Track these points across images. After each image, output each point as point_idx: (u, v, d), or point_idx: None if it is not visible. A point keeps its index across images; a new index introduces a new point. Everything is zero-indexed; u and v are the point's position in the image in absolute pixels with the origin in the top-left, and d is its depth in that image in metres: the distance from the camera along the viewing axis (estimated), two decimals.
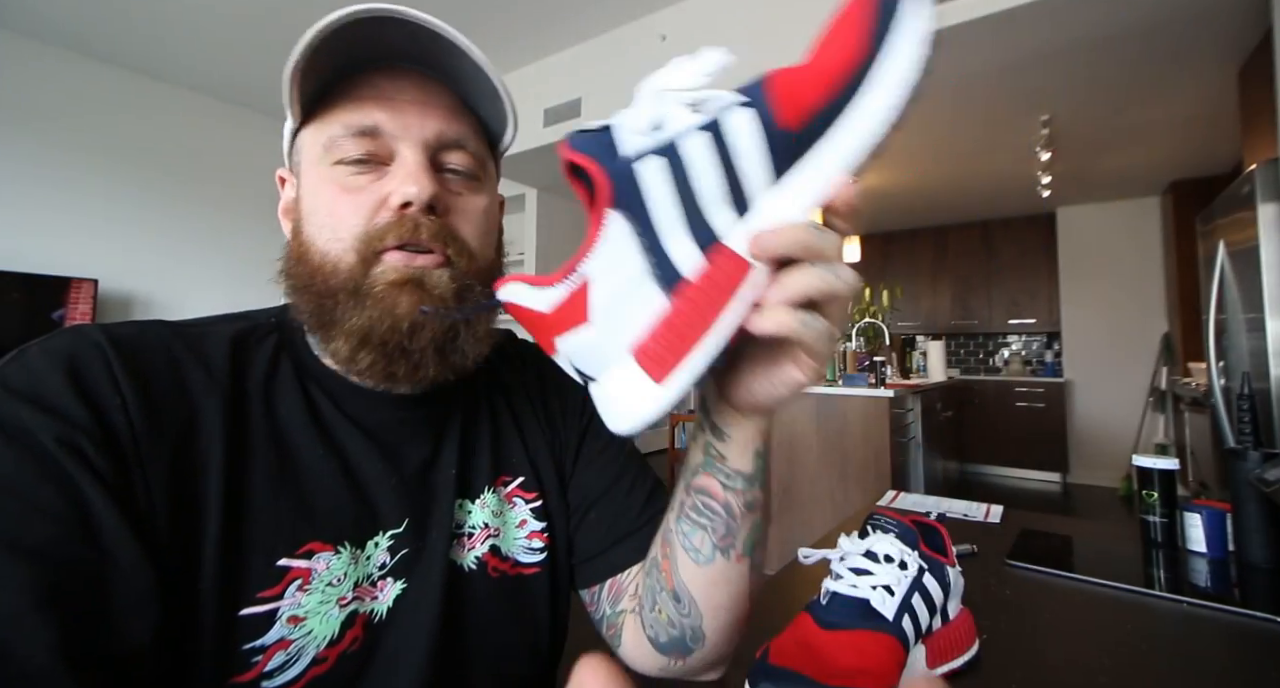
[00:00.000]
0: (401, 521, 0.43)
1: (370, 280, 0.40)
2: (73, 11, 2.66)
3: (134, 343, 0.37)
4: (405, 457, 0.45)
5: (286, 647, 0.36)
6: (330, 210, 0.41)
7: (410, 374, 0.41)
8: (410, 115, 0.41)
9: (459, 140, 0.43)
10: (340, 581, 0.39)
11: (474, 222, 0.44)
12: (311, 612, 0.37)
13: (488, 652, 0.45)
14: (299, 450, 0.40)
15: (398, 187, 0.40)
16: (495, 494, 0.49)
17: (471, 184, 0.45)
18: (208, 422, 0.37)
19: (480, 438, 0.50)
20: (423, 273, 0.40)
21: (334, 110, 0.41)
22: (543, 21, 2.86)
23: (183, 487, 0.35)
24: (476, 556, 0.46)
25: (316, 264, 0.41)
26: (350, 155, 0.40)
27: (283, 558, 0.37)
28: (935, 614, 0.52)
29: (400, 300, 0.39)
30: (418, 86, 0.42)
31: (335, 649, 0.38)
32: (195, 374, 0.38)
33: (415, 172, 0.40)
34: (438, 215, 0.41)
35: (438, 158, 0.43)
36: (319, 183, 0.42)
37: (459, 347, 0.43)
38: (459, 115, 0.44)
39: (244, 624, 0.35)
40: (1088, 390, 4.74)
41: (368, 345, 0.40)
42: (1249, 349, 2.05)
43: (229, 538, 0.35)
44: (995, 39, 2.15)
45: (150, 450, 0.34)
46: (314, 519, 0.39)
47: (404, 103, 0.42)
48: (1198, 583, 0.76)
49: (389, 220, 0.40)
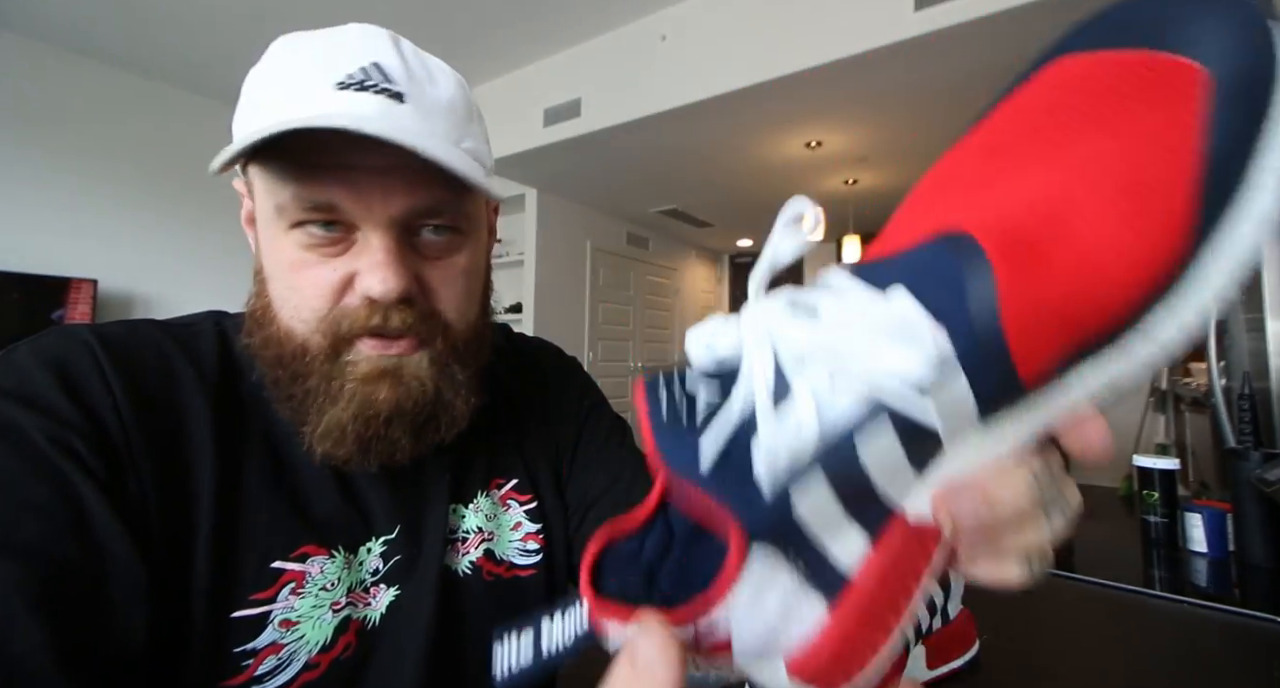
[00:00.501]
0: (394, 527, 0.42)
1: (341, 369, 0.38)
2: (73, 11, 2.66)
3: (124, 342, 0.37)
4: (398, 464, 0.44)
5: (278, 651, 0.35)
6: (290, 283, 0.37)
7: (385, 459, 0.40)
8: (371, 192, 0.36)
9: (433, 208, 0.38)
10: (334, 585, 0.38)
11: (455, 288, 0.41)
12: (304, 616, 0.37)
13: (481, 657, 0.44)
14: (293, 455, 0.40)
15: (364, 275, 0.36)
16: (489, 498, 0.48)
17: (452, 243, 0.40)
18: (199, 421, 0.37)
19: (476, 440, 0.49)
20: (399, 362, 0.38)
21: (283, 171, 0.35)
22: (543, 21, 2.86)
23: (174, 484, 0.34)
24: (470, 560, 0.45)
25: (279, 338, 0.38)
26: (310, 221, 0.36)
27: (277, 560, 0.36)
28: (935, 615, 0.52)
29: (376, 394, 0.37)
30: (379, 147, 0.33)
31: (328, 656, 0.37)
32: (186, 373, 0.38)
33: (382, 264, 0.36)
34: (413, 299, 0.38)
35: (412, 224, 0.38)
36: (276, 243, 0.38)
37: (437, 428, 0.41)
38: (431, 175, 0.36)
39: (236, 627, 0.35)
40: None
41: (343, 443, 0.38)
42: (1249, 349, 2.05)
43: (222, 537, 0.35)
44: (995, 39, 2.15)
45: (141, 448, 0.33)
46: (308, 522, 0.39)
47: (364, 174, 0.35)
48: (1198, 583, 0.76)
49: (356, 307, 0.37)
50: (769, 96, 2.62)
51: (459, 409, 0.42)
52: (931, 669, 0.52)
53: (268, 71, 0.38)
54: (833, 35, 2.29)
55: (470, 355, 0.43)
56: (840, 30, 2.27)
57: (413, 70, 0.38)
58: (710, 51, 2.61)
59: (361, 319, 0.37)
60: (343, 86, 0.35)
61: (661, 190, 4.24)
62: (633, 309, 5.23)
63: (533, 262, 4.10)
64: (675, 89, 2.71)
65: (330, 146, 0.34)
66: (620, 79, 2.90)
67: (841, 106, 2.78)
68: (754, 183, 4.02)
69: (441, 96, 0.39)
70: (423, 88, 0.38)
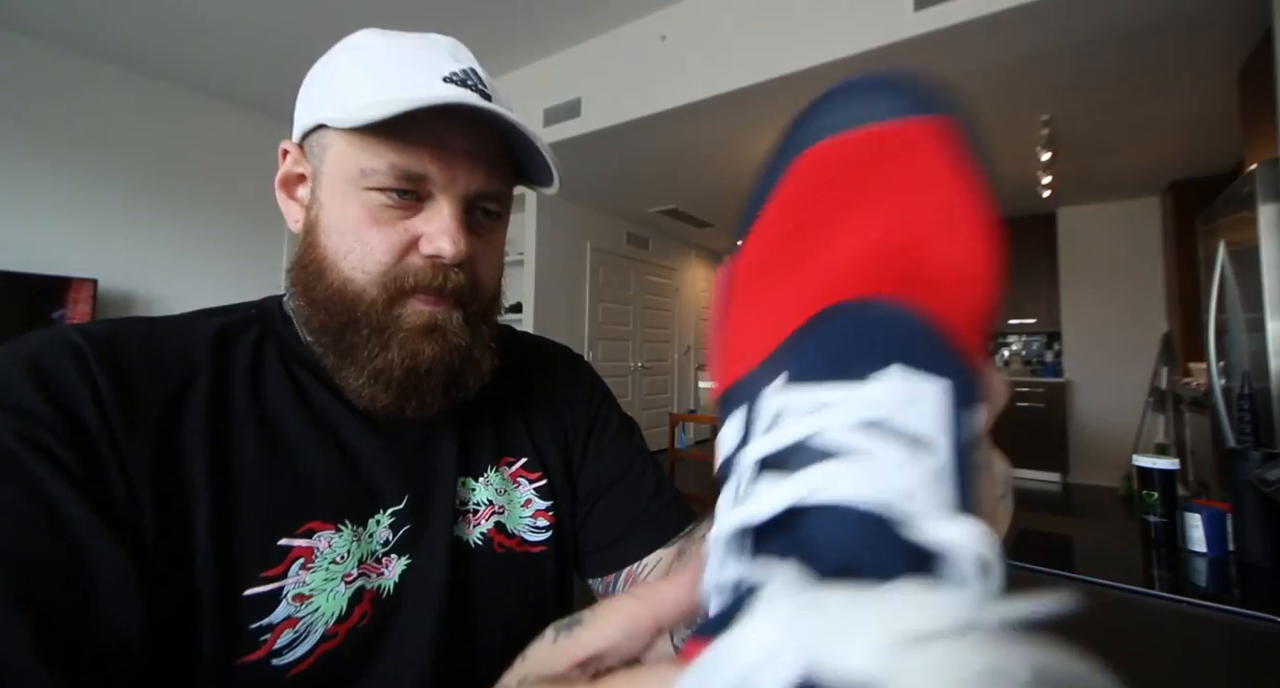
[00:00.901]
0: (401, 497, 0.44)
1: (395, 321, 0.42)
2: (73, 11, 2.66)
3: (110, 338, 0.37)
4: (402, 435, 0.46)
5: (294, 625, 0.36)
6: (359, 238, 0.41)
7: (417, 409, 0.43)
8: (459, 168, 0.42)
9: (496, 194, 0.44)
10: (344, 558, 0.39)
11: (493, 262, 0.47)
12: (317, 589, 0.38)
13: (495, 624, 0.46)
14: (290, 435, 0.41)
15: (432, 237, 0.41)
16: (499, 474, 0.50)
17: (497, 224, 0.47)
18: (190, 411, 0.37)
19: (482, 419, 0.51)
20: (445, 319, 0.43)
21: (381, 142, 0.40)
22: (543, 21, 2.86)
23: (168, 476, 0.35)
24: (482, 531, 0.47)
25: (338, 287, 0.41)
26: (389, 187, 0.41)
27: (283, 538, 0.38)
28: None
29: (424, 346, 0.42)
30: (468, 134, 0.42)
31: (344, 625, 0.38)
32: (175, 366, 0.38)
33: (452, 229, 0.41)
34: (463, 267, 0.43)
35: (473, 203, 0.44)
36: (346, 202, 0.41)
37: (465, 382, 0.45)
38: (502, 166, 0.44)
39: (249, 604, 0.35)
40: (1088, 390, 4.74)
41: (388, 387, 0.42)
42: (1249, 349, 2.05)
43: (222, 521, 0.36)
44: (995, 39, 2.15)
45: (129, 443, 0.34)
46: (312, 500, 0.40)
47: (454, 152, 0.41)
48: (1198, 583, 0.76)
49: (418, 266, 0.42)
50: (769, 96, 2.62)
51: (485, 365, 0.46)
52: None
53: (367, 56, 0.42)
54: (833, 35, 2.29)
55: (491, 318, 0.48)
56: (840, 30, 2.27)
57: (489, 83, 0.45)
58: (710, 51, 2.61)
59: (426, 276, 0.41)
60: (447, 81, 0.41)
61: (661, 190, 4.24)
62: (633, 309, 5.23)
63: (533, 262, 4.10)
64: (675, 89, 2.71)
65: (429, 127, 0.40)
66: (620, 79, 2.90)
67: None
68: None
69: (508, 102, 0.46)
70: (499, 96, 0.44)
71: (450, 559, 0.43)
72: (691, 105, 2.70)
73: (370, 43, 0.43)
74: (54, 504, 0.30)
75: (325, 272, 0.42)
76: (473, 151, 0.42)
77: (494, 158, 0.43)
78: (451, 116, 0.40)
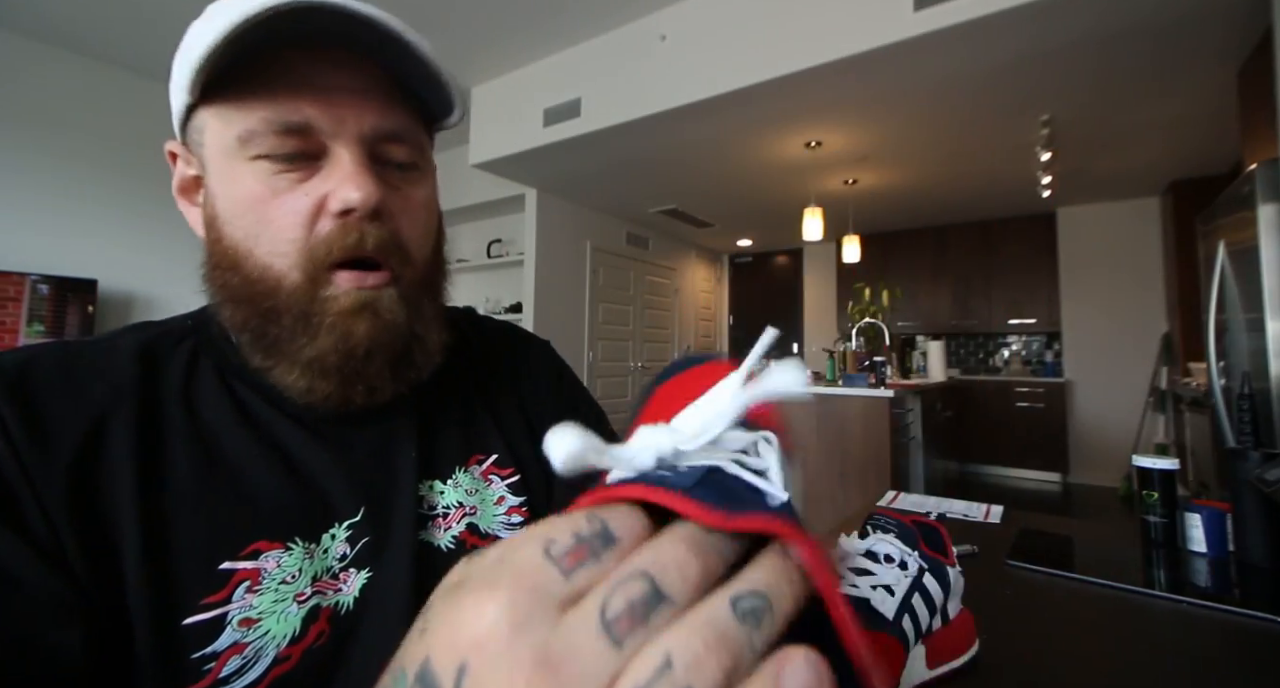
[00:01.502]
0: (357, 509, 0.41)
1: (321, 305, 0.38)
2: (73, 11, 2.66)
3: (19, 369, 0.35)
4: (353, 444, 0.43)
5: (241, 650, 0.35)
6: (261, 216, 0.37)
7: (366, 396, 0.41)
8: (345, 108, 0.37)
9: (398, 132, 0.40)
10: (295, 577, 0.37)
11: (417, 219, 0.42)
12: (266, 612, 0.36)
13: None
14: (231, 452, 0.39)
15: (336, 189, 0.37)
16: (469, 473, 0.47)
17: (412, 175, 0.42)
18: (114, 436, 0.35)
19: (446, 418, 0.48)
20: (376, 296, 0.39)
21: (248, 99, 0.36)
22: (543, 21, 2.86)
23: (89, 508, 0.33)
24: (453, 535, 0.45)
25: (255, 277, 0.38)
26: (275, 152, 0.37)
27: (225, 561, 0.36)
28: (935, 614, 0.52)
29: (356, 328, 0.39)
30: (349, 71, 0.37)
31: (299, 646, 0.36)
32: (96, 389, 0.36)
33: (355, 174, 0.37)
34: (383, 219, 0.39)
35: (375, 150, 0.40)
36: (237, 179, 0.37)
37: (412, 362, 0.42)
38: (397, 102, 0.40)
39: (189, 633, 0.34)
40: (1088, 390, 4.74)
41: (325, 377, 0.39)
42: (1249, 349, 2.05)
43: (153, 550, 0.34)
44: (995, 39, 2.15)
45: (43, 476, 0.32)
46: (257, 519, 0.37)
47: (336, 92, 0.37)
48: (1198, 583, 0.76)
49: (331, 229, 0.38)
50: (769, 96, 2.62)
51: (432, 342, 0.43)
52: (931, 669, 0.52)
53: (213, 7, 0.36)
54: (833, 35, 2.29)
55: (431, 291, 0.44)
56: (840, 30, 2.27)
57: None
58: (710, 51, 2.61)
59: (339, 239, 0.37)
60: None
61: (661, 190, 4.24)
62: (633, 309, 5.23)
63: (533, 262, 4.10)
64: (675, 89, 2.71)
65: (297, 68, 0.36)
66: (620, 79, 2.90)
67: (841, 106, 2.78)
68: (754, 183, 4.02)
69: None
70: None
71: (417, 568, 0.41)
72: (691, 105, 2.70)
73: None
74: None
75: (239, 263, 0.38)
76: (356, 86, 0.38)
77: (386, 93, 0.39)
78: (322, 53, 0.36)
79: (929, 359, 4.14)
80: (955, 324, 5.41)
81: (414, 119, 0.42)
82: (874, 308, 3.82)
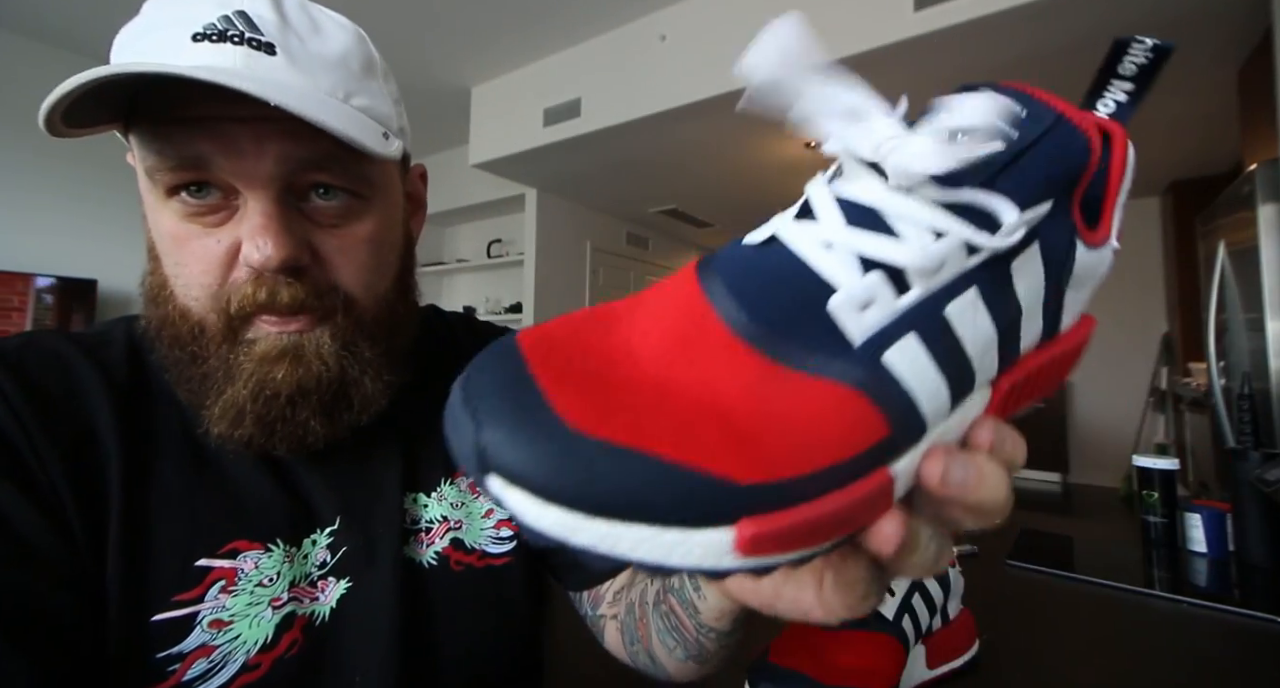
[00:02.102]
0: (334, 517, 0.40)
1: (239, 350, 0.36)
2: (73, 11, 2.66)
3: (19, 353, 0.36)
4: (339, 451, 0.42)
5: (209, 654, 0.34)
6: (178, 258, 0.35)
7: (295, 444, 0.37)
8: (244, 143, 0.33)
9: (318, 160, 0.35)
10: (273, 581, 0.36)
11: (354, 261, 0.38)
12: (239, 615, 0.35)
13: (459, 652, 0.42)
14: (215, 451, 0.38)
15: (244, 244, 0.34)
16: (455, 486, 0.46)
17: (349, 207, 0.37)
18: (105, 424, 0.35)
19: (431, 430, 0.47)
20: (299, 341, 0.36)
21: (154, 130, 0.33)
22: (543, 21, 2.86)
23: (84, 487, 0.33)
24: (436, 551, 0.44)
25: (177, 317, 0.36)
26: (180, 187, 0.34)
27: (202, 558, 0.35)
28: (935, 614, 0.52)
29: (274, 374, 0.36)
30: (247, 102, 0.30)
31: (269, 655, 0.35)
32: (90, 378, 0.36)
33: (260, 229, 0.33)
34: (304, 269, 0.36)
35: (297, 183, 0.35)
36: (158, 214, 0.35)
37: (349, 406, 0.39)
38: (313, 133, 0.32)
39: (157, 630, 0.33)
40: (1088, 390, 4.74)
41: (241, 424, 0.36)
42: (1249, 349, 2.05)
43: (133, 538, 0.33)
44: (995, 39, 2.15)
45: (48, 455, 0.33)
46: (240, 518, 0.37)
47: (233, 125, 0.32)
48: (1198, 583, 0.76)
49: (244, 281, 0.35)
50: None
51: (369, 388, 0.39)
52: (931, 669, 0.52)
53: (130, 27, 0.35)
54: (833, 35, 2.29)
55: (381, 331, 0.40)
56: (840, 30, 2.27)
57: (290, 21, 0.35)
58: (710, 51, 2.61)
59: (249, 295, 0.35)
60: (199, 38, 0.32)
61: (661, 190, 4.24)
62: None
63: (533, 262, 4.10)
64: (675, 89, 2.71)
65: (191, 100, 0.32)
66: (620, 79, 2.90)
67: None
68: (754, 183, 4.02)
69: (328, 50, 0.36)
70: (302, 40, 0.35)
71: (400, 584, 0.40)
72: (691, 105, 2.70)
73: (143, 10, 0.35)
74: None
75: (164, 300, 0.37)
76: (256, 120, 0.32)
77: (296, 123, 0.32)
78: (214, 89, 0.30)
79: None
80: None
81: (339, 145, 0.34)
82: None
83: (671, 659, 0.42)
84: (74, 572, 0.31)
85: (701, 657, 0.40)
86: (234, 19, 0.33)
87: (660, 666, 0.43)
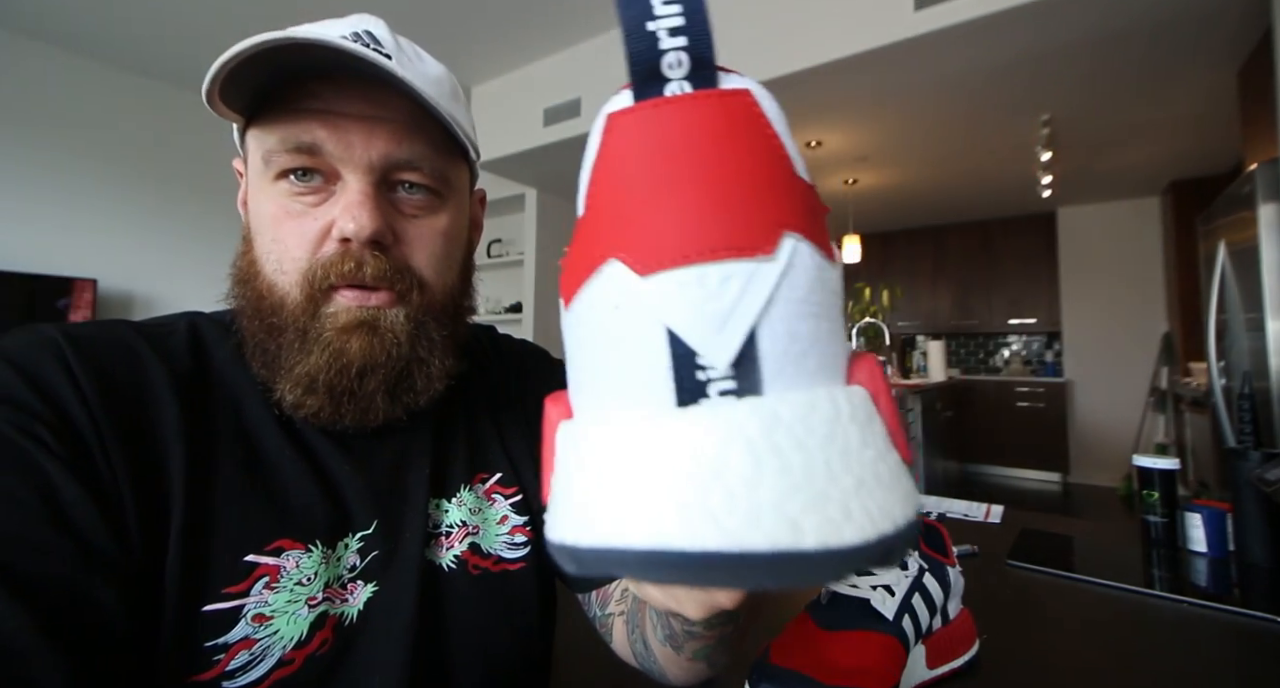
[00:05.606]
0: (370, 522, 0.42)
1: (319, 322, 0.39)
2: (73, 11, 2.66)
3: (91, 339, 0.37)
4: (373, 458, 0.44)
5: (250, 646, 0.35)
6: (274, 235, 0.39)
7: (358, 417, 0.40)
8: (354, 133, 0.38)
9: (412, 161, 0.40)
10: (310, 580, 0.38)
11: (430, 248, 0.42)
12: (279, 611, 0.36)
13: (473, 653, 0.44)
14: (268, 449, 0.40)
15: (339, 217, 0.38)
16: (473, 492, 0.48)
17: (430, 203, 0.42)
18: (169, 416, 0.36)
19: (455, 436, 0.49)
20: (376, 314, 0.39)
21: (272, 122, 0.38)
22: (543, 21, 2.86)
23: (147, 477, 0.34)
24: (455, 554, 0.45)
25: (263, 293, 0.40)
26: (289, 167, 0.38)
27: (250, 554, 0.36)
28: (935, 614, 0.52)
29: (350, 345, 0.39)
30: (366, 100, 0.38)
31: (303, 651, 0.36)
32: (157, 370, 0.37)
33: (357, 204, 0.38)
34: (387, 247, 0.40)
35: (390, 176, 0.40)
36: (261, 198, 0.40)
37: (412, 386, 0.42)
38: (413, 130, 0.40)
39: (207, 620, 0.34)
40: (1088, 390, 4.74)
41: (314, 392, 0.39)
42: (1249, 349, 2.05)
43: (193, 530, 0.35)
44: (995, 39, 2.15)
45: (113, 441, 0.33)
46: (286, 517, 0.38)
47: (348, 119, 0.38)
48: (1198, 583, 0.76)
49: (332, 255, 0.39)
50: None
51: (434, 368, 0.43)
52: (931, 669, 0.52)
53: None
54: (833, 35, 2.29)
55: (447, 317, 0.44)
56: (840, 30, 2.27)
57: (402, 46, 0.41)
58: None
59: (337, 265, 0.38)
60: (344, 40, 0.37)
61: None
62: None
63: (533, 262, 4.10)
64: None
65: (319, 94, 0.37)
66: (620, 79, 2.89)
67: (841, 106, 2.78)
68: None
69: (430, 71, 0.42)
70: (410, 60, 0.41)
71: (421, 587, 0.41)
72: None
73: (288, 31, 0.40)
74: (54, 494, 0.30)
75: (252, 278, 0.40)
76: (368, 114, 0.38)
77: (402, 123, 0.39)
78: (343, 82, 0.38)
79: (929, 359, 4.14)
80: (955, 324, 5.41)
81: (438, 148, 0.41)
82: (874, 308, 3.82)
83: (654, 640, 0.43)
84: (126, 567, 0.32)
85: (674, 641, 0.42)
86: (363, 35, 0.39)
87: (651, 652, 0.45)
